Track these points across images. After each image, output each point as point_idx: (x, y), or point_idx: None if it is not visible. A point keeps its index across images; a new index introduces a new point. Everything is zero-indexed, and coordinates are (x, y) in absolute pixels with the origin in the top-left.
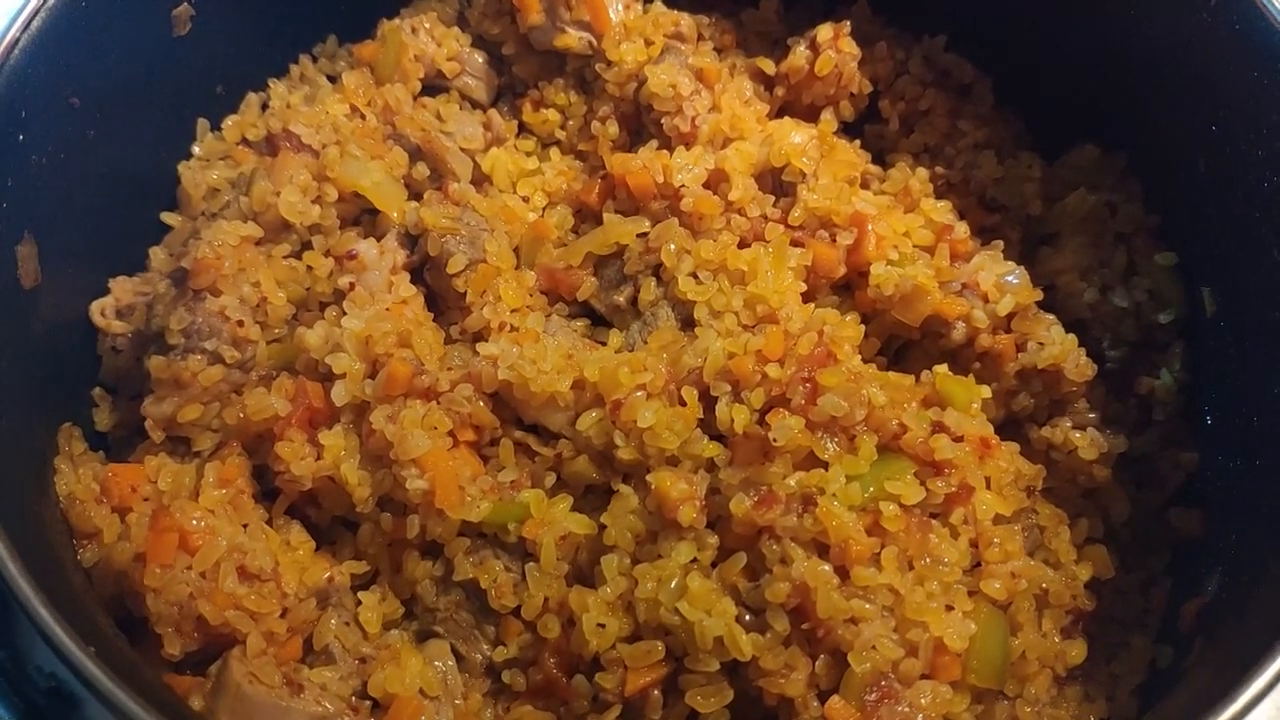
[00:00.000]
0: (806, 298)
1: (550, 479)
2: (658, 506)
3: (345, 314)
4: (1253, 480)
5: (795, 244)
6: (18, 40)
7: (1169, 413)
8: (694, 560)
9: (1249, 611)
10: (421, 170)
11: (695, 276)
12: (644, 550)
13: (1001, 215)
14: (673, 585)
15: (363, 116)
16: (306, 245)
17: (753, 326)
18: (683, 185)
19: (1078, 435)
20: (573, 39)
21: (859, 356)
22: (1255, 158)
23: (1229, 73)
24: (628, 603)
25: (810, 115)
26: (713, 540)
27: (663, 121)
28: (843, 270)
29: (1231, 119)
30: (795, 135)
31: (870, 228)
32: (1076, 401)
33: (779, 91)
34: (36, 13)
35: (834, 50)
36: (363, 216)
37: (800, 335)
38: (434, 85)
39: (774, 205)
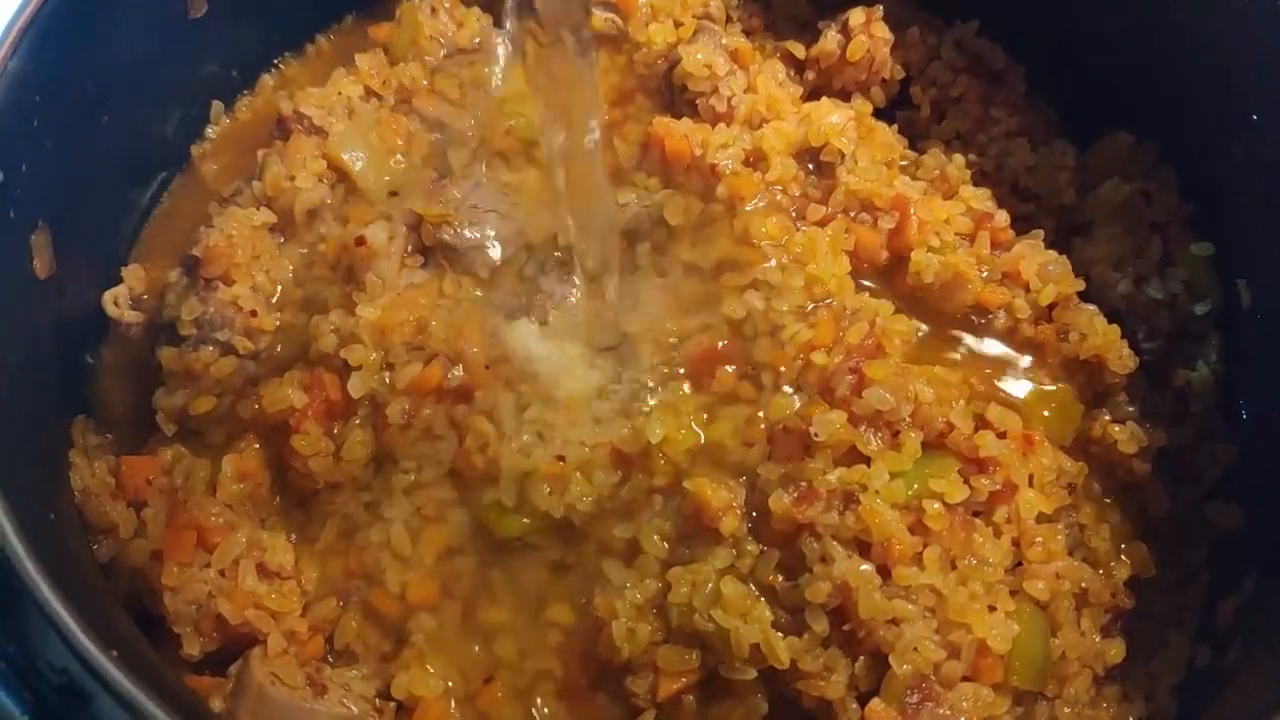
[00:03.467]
0: None
1: None
2: (694, 513)
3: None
4: None
5: None
6: (30, 25)
7: (1205, 405)
8: (731, 565)
9: None
10: (439, 149)
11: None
12: (677, 552)
13: (1035, 204)
14: (708, 590)
15: (379, 97)
16: (321, 228)
17: (809, 310)
18: (716, 164)
19: (1117, 429)
20: (598, 20)
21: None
22: None
23: (1269, 59)
24: (658, 606)
25: (841, 100)
26: (752, 548)
27: (698, 102)
28: (885, 255)
29: (1272, 106)
30: (833, 116)
31: (912, 212)
32: (1117, 395)
33: (809, 76)
34: None
35: (866, 35)
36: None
37: (850, 324)
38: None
39: (813, 187)
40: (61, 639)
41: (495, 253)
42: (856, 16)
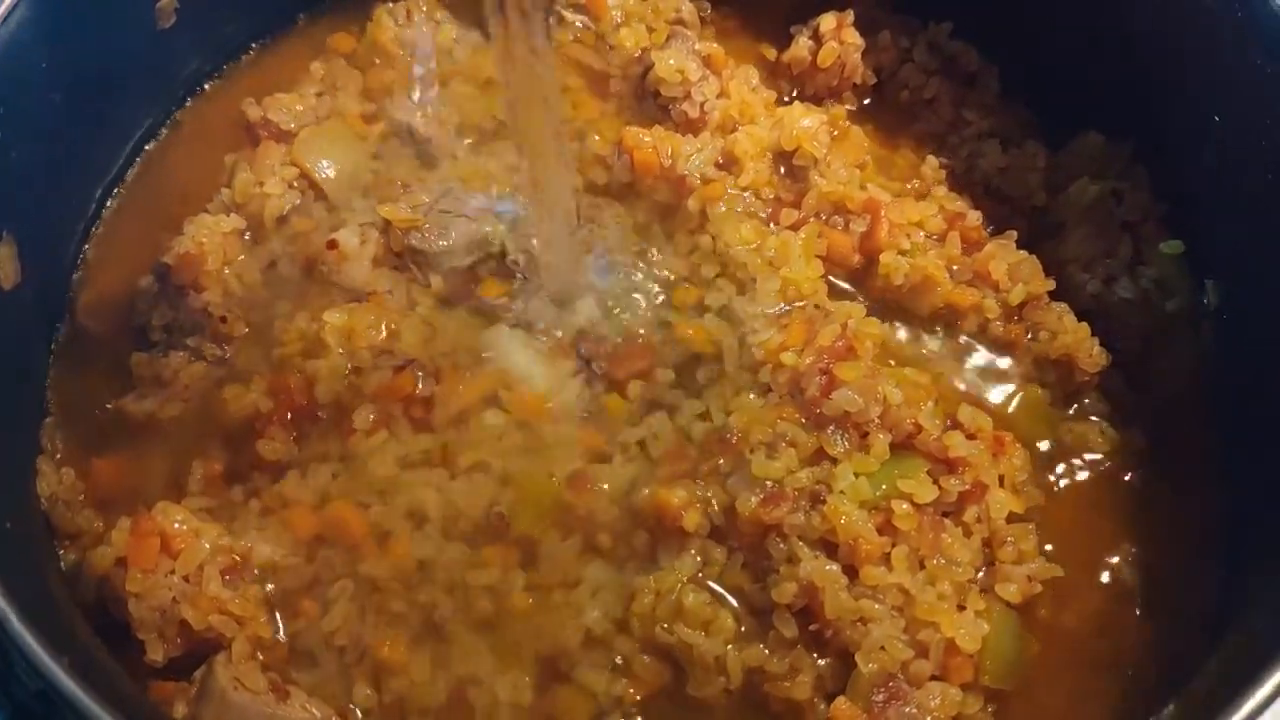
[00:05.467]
0: None
1: None
2: (657, 519)
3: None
4: (1257, 474)
5: None
6: None
7: (1177, 402)
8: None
9: (1259, 608)
10: (408, 154)
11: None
12: (642, 564)
13: (1007, 206)
14: (671, 599)
15: (347, 101)
16: (291, 233)
17: (783, 313)
18: (685, 175)
19: (1088, 427)
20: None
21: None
22: (1259, 149)
23: (1233, 63)
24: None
25: (814, 104)
26: (718, 554)
27: (670, 107)
28: (857, 258)
29: (1235, 110)
30: (806, 120)
31: (883, 215)
32: (1088, 393)
33: (782, 81)
34: (15, 6)
35: (837, 41)
36: None
37: (823, 326)
38: None
39: (786, 191)
40: (16, 651)
41: (464, 258)
42: (827, 22)
